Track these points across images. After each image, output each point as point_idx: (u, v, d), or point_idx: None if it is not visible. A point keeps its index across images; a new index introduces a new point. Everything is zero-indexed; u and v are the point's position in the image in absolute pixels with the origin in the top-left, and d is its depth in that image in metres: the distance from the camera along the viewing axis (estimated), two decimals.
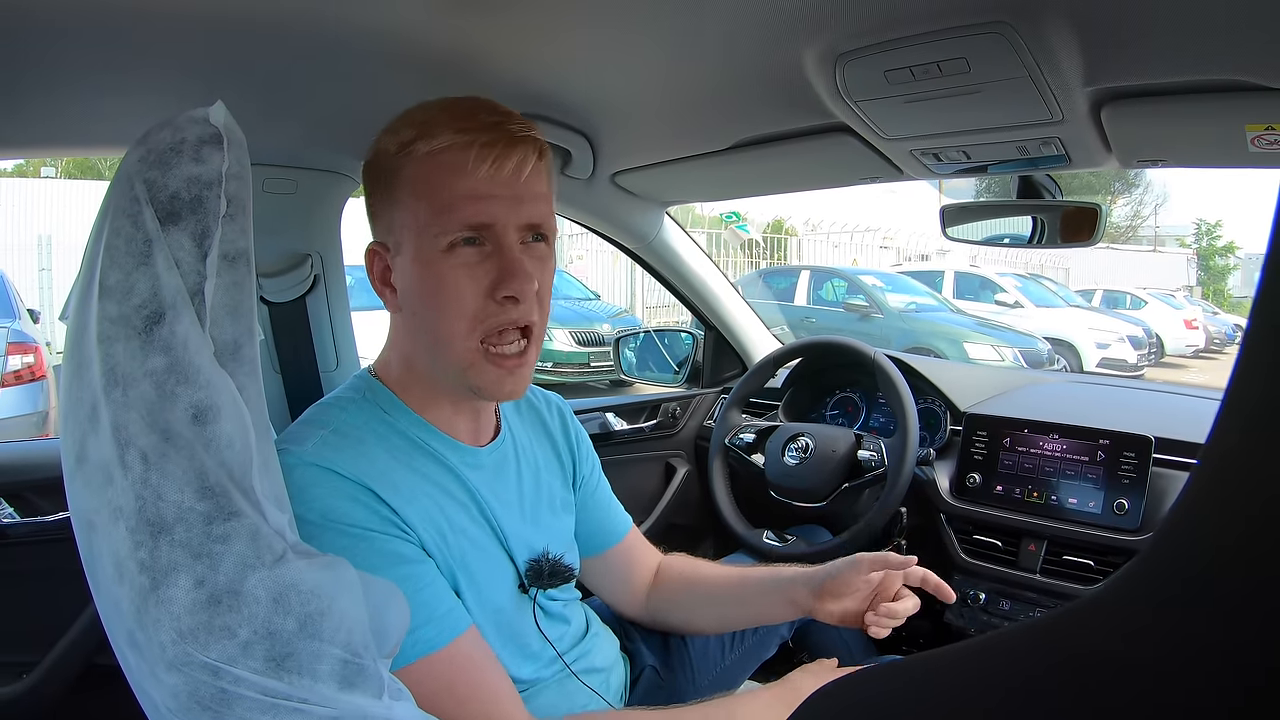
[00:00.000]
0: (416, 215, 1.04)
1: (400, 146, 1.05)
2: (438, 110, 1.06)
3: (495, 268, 1.04)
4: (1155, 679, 0.31)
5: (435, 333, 1.07)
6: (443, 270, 1.03)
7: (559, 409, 1.41)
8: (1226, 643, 0.29)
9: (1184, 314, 16.37)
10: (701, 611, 1.48)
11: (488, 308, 1.04)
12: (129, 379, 0.75)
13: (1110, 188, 27.61)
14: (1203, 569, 0.31)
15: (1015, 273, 15.63)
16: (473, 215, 1.02)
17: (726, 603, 1.46)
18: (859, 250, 19.17)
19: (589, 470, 1.42)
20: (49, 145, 1.51)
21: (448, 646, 1.01)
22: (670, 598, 1.49)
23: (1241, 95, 1.12)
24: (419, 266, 1.05)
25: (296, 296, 1.63)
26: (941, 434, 2.09)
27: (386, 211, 1.09)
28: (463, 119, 1.04)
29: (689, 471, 2.57)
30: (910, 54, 1.11)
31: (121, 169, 0.80)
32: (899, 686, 0.44)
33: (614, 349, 2.94)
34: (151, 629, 0.73)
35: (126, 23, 1.02)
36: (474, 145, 1.01)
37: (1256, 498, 0.29)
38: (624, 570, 1.49)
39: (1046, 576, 1.78)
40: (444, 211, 1.02)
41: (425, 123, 1.05)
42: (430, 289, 1.05)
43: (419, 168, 1.04)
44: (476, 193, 1.02)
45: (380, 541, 1.00)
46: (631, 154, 1.79)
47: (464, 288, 1.03)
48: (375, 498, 1.01)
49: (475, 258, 1.04)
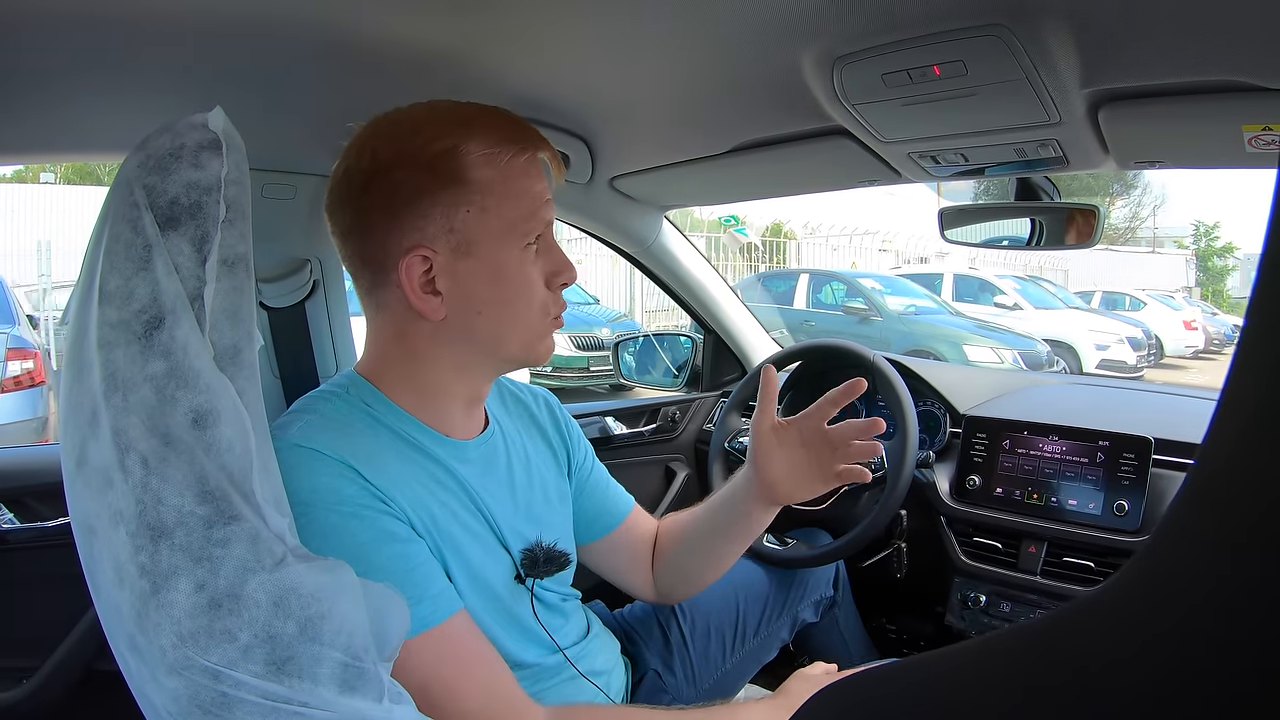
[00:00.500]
0: (497, 217, 1.07)
1: (444, 150, 1.04)
2: (490, 115, 1.09)
3: (551, 261, 1.14)
4: (1150, 691, 0.31)
5: (506, 327, 1.12)
6: (524, 267, 1.10)
7: (546, 401, 1.41)
8: (1222, 671, 0.29)
9: (1183, 315, 16.37)
10: (693, 558, 1.48)
11: (551, 295, 1.15)
12: (129, 384, 0.75)
13: (1109, 189, 27.63)
14: (1203, 582, 0.31)
15: (1014, 275, 15.64)
16: (546, 214, 1.12)
17: (707, 535, 1.47)
18: (858, 253, 19.17)
19: (582, 456, 1.43)
20: (48, 151, 1.51)
21: (444, 624, 1.02)
22: (668, 560, 1.49)
23: (1238, 96, 1.12)
24: (496, 267, 1.08)
25: (296, 301, 1.63)
26: (941, 436, 2.09)
27: (444, 214, 1.04)
28: (516, 127, 1.10)
29: (689, 475, 2.57)
30: (907, 57, 1.11)
31: (121, 174, 0.81)
32: (898, 688, 0.44)
33: (613, 353, 2.93)
34: (152, 633, 0.73)
35: (125, 28, 1.03)
36: (528, 148, 1.09)
37: (1257, 505, 0.29)
38: (632, 548, 1.49)
39: (1047, 578, 1.78)
40: (529, 214, 1.09)
41: (464, 126, 1.06)
42: (511, 287, 1.10)
43: (492, 171, 1.05)
44: (545, 195, 1.11)
45: (371, 518, 1.00)
46: (630, 158, 1.79)
47: (536, 282, 1.12)
48: (360, 476, 1.02)
49: (534, 255, 1.12)
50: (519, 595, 1.19)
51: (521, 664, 1.17)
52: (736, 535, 1.45)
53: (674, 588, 1.51)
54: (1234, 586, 0.29)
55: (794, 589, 1.84)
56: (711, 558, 1.47)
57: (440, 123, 1.06)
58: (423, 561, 1.04)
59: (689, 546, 1.46)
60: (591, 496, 1.43)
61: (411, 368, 1.13)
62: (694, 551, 1.46)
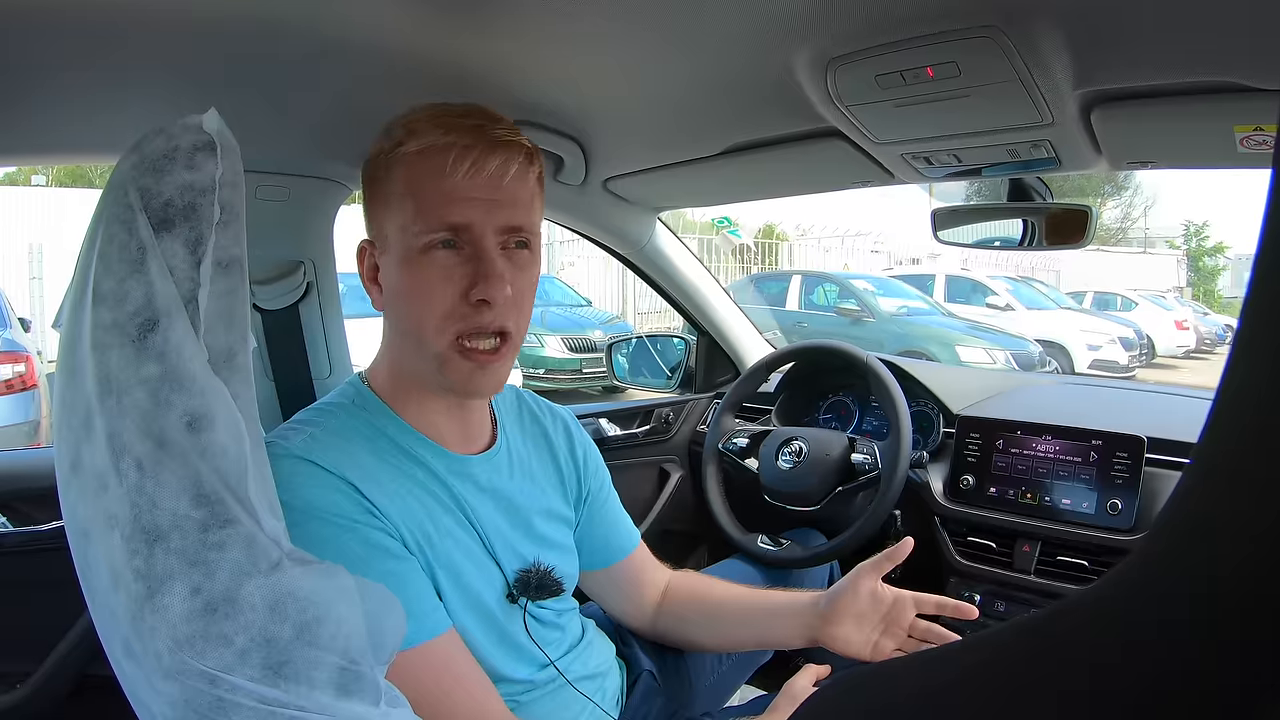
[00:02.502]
0: (401, 214, 1.06)
1: (391, 147, 1.07)
2: (428, 113, 1.08)
3: (471, 271, 1.06)
4: (1142, 690, 0.31)
5: (411, 330, 1.09)
6: (420, 270, 1.06)
7: (564, 423, 1.40)
8: (1216, 670, 0.29)
9: (1175, 315, 16.43)
10: (709, 630, 1.47)
11: (461, 309, 1.06)
12: (123, 387, 0.75)
13: (1100, 190, 27.68)
14: (1197, 580, 0.31)
15: (1006, 275, 15.69)
16: (449, 215, 1.05)
17: (735, 624, 1.45)
18: (850, 255, 19.23)
19: (597, 485, 1.41)
20: (41, 153, 1.51)
21: (429, 642, 1.02)
22: (680, 615, 1.48)
23: (1230, 97, 1.13)
24: (400, 265, 1.07)
25: (290, 304, 1.62)
26: (935, 436, 2.09)
27: (376, 211, 1.11)
28: (449, 122, 1.06)
29: (683, 476, 2.56)
30: (901, 58, 1.11)
31: (115, 176, 0.80)
32: (888, 688, 0.45)
33: (606, 355, 2.92)
34: (148, 637, 0.73)
35: (118, 29, 1.02)
36: (455, 147, 1.03)
37: (1252, 503, 0.29)
38: (630, 586, 1.48)
39: (1041, 577, 1.79)
40: (424, 211, 1.05)
41: (414, 125, 1.07)
42: (408, 287, 1.07)
43: (404, 168, 1.06)
44: (454, 194, 1.04)
45: (364, 532, 1.01)
46: (623, 160, 1.79)
47: (438, 288, 1.05)
48: (357, 491, 1.02)
49: (453, 260, 1.06)
50: (512, 613, 1.19)
51: (513, 680, 1.17)
52: (763, 640, 1.46)
53: (667, 636, 1.50)
54: (1228, 585, 0.29)
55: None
56: (727, 641, 1.49)
57: (400, 121, 1.09)
58: (413, 579, 1.04)
59: (709, 623, 1.46)
60: (598, 527, 1.42)
61: (395, 367, 1.16)
62: (712, 630, 1.46)
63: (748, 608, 1.45)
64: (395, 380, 1.16)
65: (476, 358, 1.08)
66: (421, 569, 1.06)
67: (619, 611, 1.50)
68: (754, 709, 1.39)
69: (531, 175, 1.12)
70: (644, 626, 1.50)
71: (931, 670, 0.43)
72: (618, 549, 1.45)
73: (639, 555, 1.48)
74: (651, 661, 1.49)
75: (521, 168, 1.08)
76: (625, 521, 1.48)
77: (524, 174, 1.09)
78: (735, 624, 1.45)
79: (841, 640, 1.33)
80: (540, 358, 10.31)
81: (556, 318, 10.96)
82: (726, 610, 1.46)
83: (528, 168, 1.10)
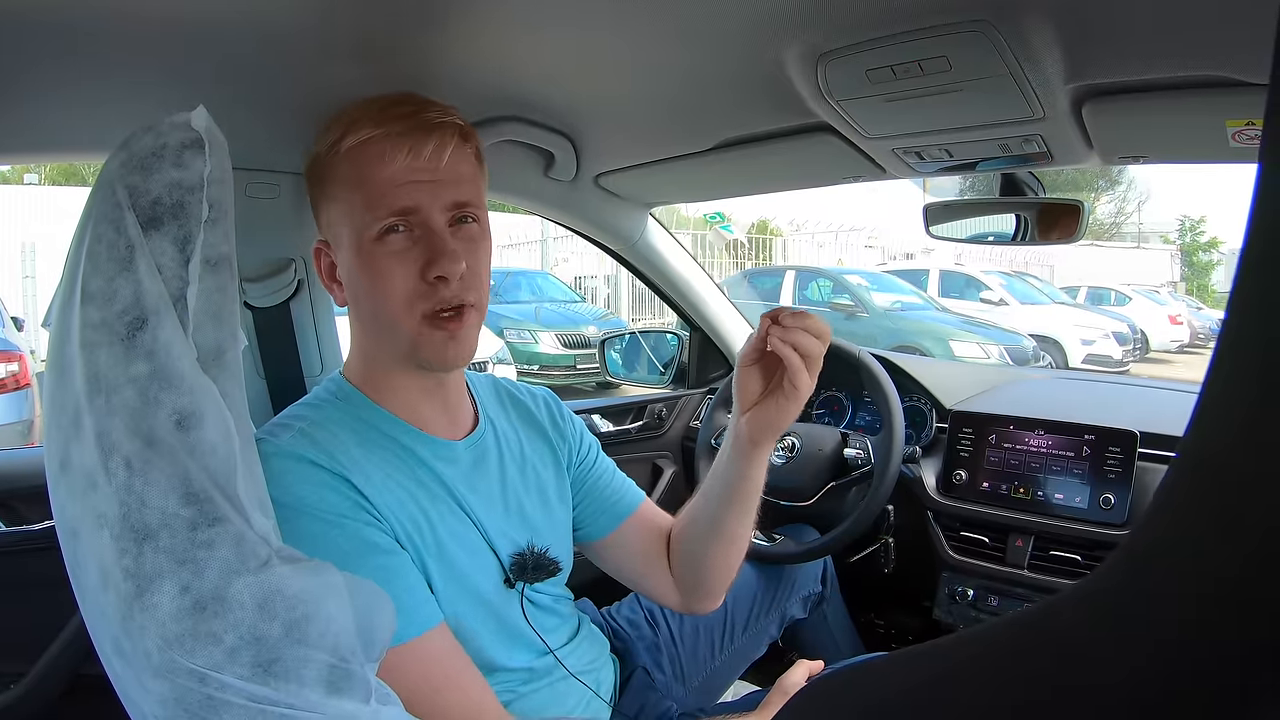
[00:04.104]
0: (349, 208, 1.09)
1: (330, 146, 1.10)
2: (360, 107, 1.11)
3: (424, 251, 1.08)
4: (1136, 684, 0.31)
5: (380, 316, 1.11)
6: (377, 258, 1.08)
7: (546, 401, 1.41)
8: (1210, 664, 0.29)
9: (1168, 310, 16.46)
10: (704, 543, 1.38)
11: (421, 287, 1.08)
12: (112, 385, 0.74)
13: (1094, 185, 27.77)
14: (1187, 576, 0.31)
15: (1000, 270, 15.72)
16: (395, 201, 1.07)
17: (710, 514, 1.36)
18: (844, 250, 19.24)
19: (586, 450, 1.42)
20: (30, 151, 1.50)
21: (418, 639, 1.02)
22: (680, 554, 1.42)
23: (1222, 91, 1.13)
24: (355, 257, 1.10)
25: (280, 301, 1.62)
26: (927, 431, 2.10)
27: (325, 210, 1.14)
28: (381, 112, 1.09)
29: (676, 472, 2.57)
30: (891, 53, 1.11)
31: (103, 174, 0.80)
32: (880, 682, 0.45)
33: (600, 351, 2.93)
34: (137, 636, 0.73)
35: (105, 26, 1.02)
36: (390, 135, 1.06)
37: (1242, 496, 0.29)
38: (645, 545, 1.44)
39: (1034, 572, 1.79)
40: (370, 201, 1.07)
41: (348, 120, 1.10)
42: (368, 276, 1.09)
43: (346, 164, 1.09)
44: (397, 180, 1.07)
45: (353, 528, 1.02)
46: (614, 155, 1.79)
47: (396, 271, 1.08)
48: (349, 485, 1.04)
49: (404, 243, 1.08)
50: (509, 599, 1.19)
51: (510, 668, 1.17)
52: (736, 499, 1.33)
53: (696, 586, 1.42)
54: (1215, 579, 0.29)
55: (782, 585, 1.85)
56: (721, 536, 1.35)
57: (335, 120, 1.12)
58: (403, 574, 1.04)
59: (698, 530, 1.38)
60: (596, 488, 1.41)
61: (367, 359, 1.18)
62: (703, 536, 1.37)
63: (706, 492, 1.38)
64: (372, 371, 1.17)
65: (447, 326, 1.10)
66: (413, 562, 1.07)
67: (649, 586, 1.45)
68: (747, 704, 1.39)
69: (469, 152, 1.14)
70: (675, 595, 1.44)
71: (924, 664, 0.43)
72: (625, 505, 1.43)
73: (646, 510, 1.46)
74: (646, 657, 1.49)
75: (458, 146, 1.10)
76: (624, 480, 1.47)
77: (461, 151, 1.12)
78: (711, 512, 1.36)
79: (764, 409, 1.27)
80: (534, 354, 10.33)
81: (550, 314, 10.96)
82: (700, 512, 1.39)
83: (464, 145, 1.12)
